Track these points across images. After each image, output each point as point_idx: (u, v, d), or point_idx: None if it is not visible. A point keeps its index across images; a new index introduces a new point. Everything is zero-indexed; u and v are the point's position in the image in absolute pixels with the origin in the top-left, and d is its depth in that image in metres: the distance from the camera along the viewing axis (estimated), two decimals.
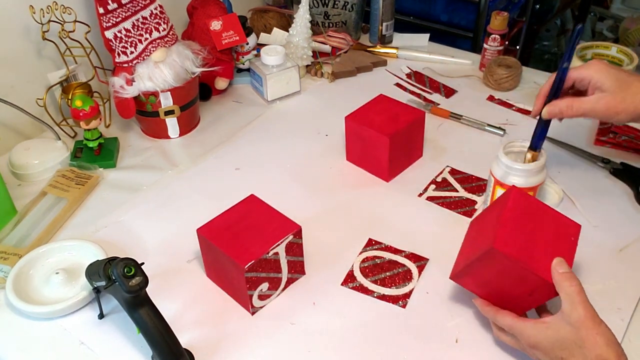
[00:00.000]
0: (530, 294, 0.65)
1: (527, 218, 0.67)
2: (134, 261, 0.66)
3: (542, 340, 0.61)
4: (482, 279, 0.69)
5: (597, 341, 0.58)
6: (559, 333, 0.60)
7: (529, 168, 0.79)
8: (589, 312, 0.59)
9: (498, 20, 1.20)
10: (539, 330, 0.62)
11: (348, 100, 1.10)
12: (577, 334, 0.59)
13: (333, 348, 0.72)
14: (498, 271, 0.66)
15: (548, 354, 0.61)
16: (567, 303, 0.60)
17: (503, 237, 0.64)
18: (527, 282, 0.64)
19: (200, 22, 1.16)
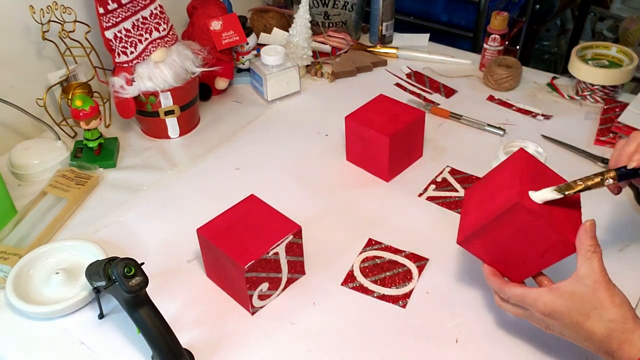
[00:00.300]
0: (542, 255, 0.65)
1: (537, 178, 0.67)
2: (134, 261, 0.66)
3: (559, 306, 0.60)
4: (495, 240, 0.67)
5: (614, 301, 0.58)
6: (574, 296, 0.60)
7: None
8: (606, 276, 0.60)
9: (498, 20, 1.20)
10: (553, 296, 0.61)
11: (348, 100, 1.10)
12: (594, 295, 0.59)
13: (333, 348, 0.72)
14: (515, 230, 0.64)
15: (563, 319, 0.61)
16: (585, 265, 0.60)
17: (525, 194, 0.63)
18: (544, 241, 0.64)
19: (200, 22, 1.16)
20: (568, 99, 1.15)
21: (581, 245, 0.61)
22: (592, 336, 0.59)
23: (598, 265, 0.60)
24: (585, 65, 1.09)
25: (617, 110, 1.06)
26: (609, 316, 0.58)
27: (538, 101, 1.15)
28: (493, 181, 0.72)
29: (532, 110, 1.12)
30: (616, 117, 1.03)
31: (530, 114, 1.11)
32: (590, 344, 0.60)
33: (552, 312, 0.61)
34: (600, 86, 1.10)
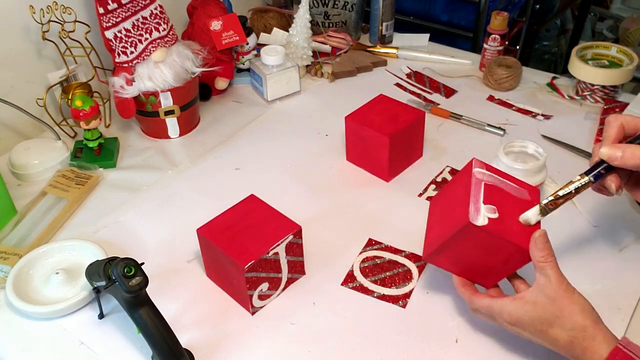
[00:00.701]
0: (505, 263, 0.66)
1: (494, 187, 0.68)
2: (134, 261, 0.66)
3: (522, 316, 0.62)
4: (457, 254, 0.69)
5: (573, 310, 0.60)
6: (536, 306, 0.61)
7: (528, 168, 0.79)
8: (563, 284, 0.61)
9: (498, 20, 1.20)
10: (517, 306, 0.63)
11: (348, 100, 1.10)
12: (554, 304, 0.60)
13: (333, 348, 0.72)
14: (473, 245, 0.66)
15: (527, 328, 0.63)
16: (542, 276, 0.61)
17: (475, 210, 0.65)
18: (503, 252, 0.65)
19: (200, 22, 1.16)
20: (568, 99, 1.15)
21: (533, 258, 0.62)
22: (557, 343, 0.61)
23: (553, 274, 0.61)
24: (585, 65, 1.09)
25: (617, 110, 1.06)
26: (569, 325, 0.60)
27: (538, 101, 1.15)
28: (453, 193, 0.73)
29: (532, 110, 1.12)
30: None
31: (530, 114, 1.11)
32: (557, 349, 0.62)
33: (517, 322, 0.63)
34: (600, 86, 1.10)
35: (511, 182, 0.70)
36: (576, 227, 0.87)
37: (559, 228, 0.87)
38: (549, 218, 0.89)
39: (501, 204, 0.66)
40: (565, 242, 0.84)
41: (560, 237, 0.85)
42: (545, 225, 0.87)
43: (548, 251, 0.62)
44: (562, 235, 0.86)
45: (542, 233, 0.63)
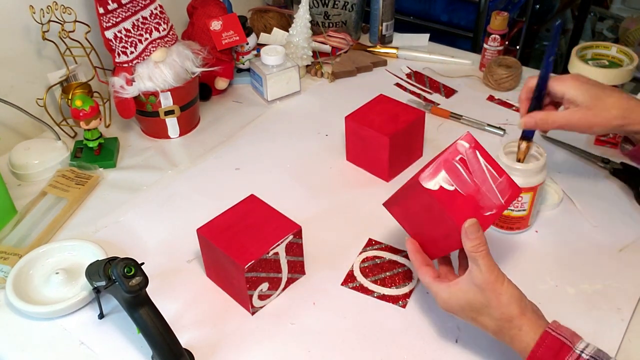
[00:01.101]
0: (445, 238, 0.67)
1: (466, 164, 0.67)
2: (134, 261, 0.66)
3: (454, 303, 0.65)
4: (408, 211, 0.71)
5: (501, 300, 0.61)
6: (467, 295, 0.63)
7: (529, 168, 0.79)
8: (493, 274, 0.62)
9: (498, 20, 1.20)
10: (450, 293, 0.65)
11: (348, 100, 1.10)
12: (483, 294, 0.62)
13: (333, 348, 0.72)
14: (421, 207, 0.68)
15: (459, 314, 0.65)
16: (473, 265, 0.62)
17: (431, 174, 0.65)
18: (443, 225, 0.66)
19: (200, 22, 1.16)
20: None
21: (465, 247, 0.63)
22: (487, 330, 0.64)
23: (484, 264, 0.62)
24: (585, 65, 1.09)
25: None
26: (496, 315, 0.62)
27: None
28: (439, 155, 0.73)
29: None
30: None
31: None
32: (490, 333, 0.64)
33: (449, 308, 0.66)
34: None
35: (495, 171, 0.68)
36: (576, 227, 0.87)
37: (559, 228, 0.87)
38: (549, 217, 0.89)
39: (465, 182, 0.66)
40: (565, 242, 0.84)
41: (560, 237, 0.85)
42: (545, 224, 0.87)
43: (479, 241, 0.62)
44: (562, 235, 0.86)
45: (471, 223, 0.63)
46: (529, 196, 0.81)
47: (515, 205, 0.82)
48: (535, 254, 0.83)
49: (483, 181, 0.67)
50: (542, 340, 0.59)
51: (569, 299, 0.76)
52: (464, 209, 0.65)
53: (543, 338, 0.59)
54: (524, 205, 0.82)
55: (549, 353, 0.58)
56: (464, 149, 0.68)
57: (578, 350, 0.58)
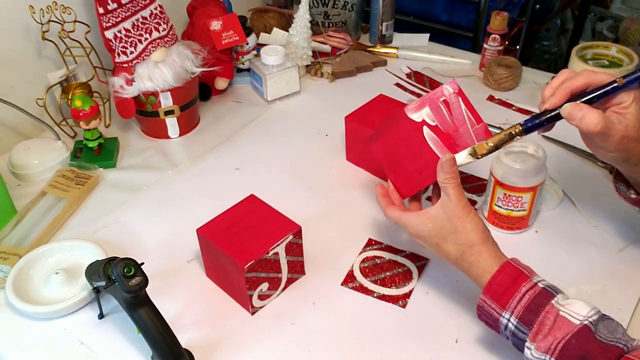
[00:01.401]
0: (420, 172, 0.71)
1: (448, 106, 0.71)
2: (134, 261, 0.66)
3: (423, 230, 0.69)
4: (387, 145, 0.75)
5: (465, 227, 0.66)
6: (436, 221, 0.68)
7: (528, 168, 0.79)
8: (461, 203, 0.66)
9: (498, 20, 1.20)
10: (420, 221, 0.69)
11: (348, 100, 1.10)
12: (450, 221, 0.66)
13: (333, 348, 0.72)
14: (401, 138, 0.72)
15: (426, 241, 0.70)
16: (444, 195, 0.67)
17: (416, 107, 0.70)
18: (422, 157, 0.70)
19: (200, 22, 1.16)
20: None
21: (438, 179, 0.67)
22: (449, 256, 0.68)
23: (453, 194, 0.66)
24: (585, 65, 1.09)
25: None
26: (460, 240, 0.66)
27: (538, 101, 1.14)
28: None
29: (532, 110, 1.12)
30: None
31: (530, 114, 1.11)
32: (450, 262, 0.69)
33: (418, 234, 0.70)
34: None
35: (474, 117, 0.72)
36: (576, 227, 0.87)
37: (559, 228, 0.87)
38: (549, 217, 0.89)
39: (444, 120, 0.70)
40: (565, 242, 0.84)
41: (560, 237, 0.85)
42: (545, 224, 0.87)
43: (452, 174, 0.66)
44: (562, 235, 0.86)
45: (448, 158, 0.67)
46: (529, 196, 0.81)
47: (515, 205, 0.82)
48: (535, 254, 0.83)
49: (461, 123, 0.71)
50: (502, 268, 0.64)
51: None
52: (441, 145, 0.70)
53: (504, 266, 0.64)
54: (524, 205, 0.82)
55: (507, 280, 0.63)
56: (448, 93, 0.71)
57: (534, 280, 0.62)
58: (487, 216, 0.87)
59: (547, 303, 0.60)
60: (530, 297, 0.61)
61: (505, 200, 0.82)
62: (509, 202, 0.82)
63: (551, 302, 0.60)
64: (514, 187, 0.81)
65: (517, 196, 0.81)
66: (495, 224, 0.86)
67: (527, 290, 0.61)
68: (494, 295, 0.63)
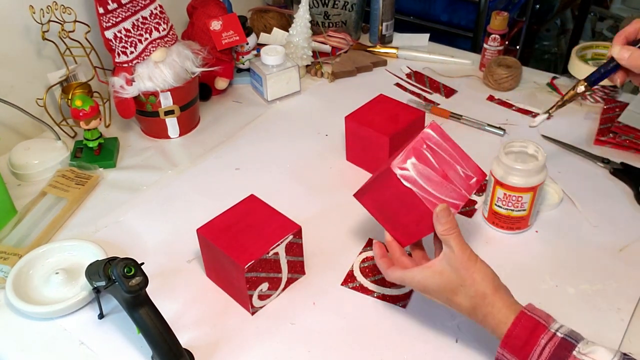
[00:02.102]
0: (417, 224, 0.69)
1: (434, 151, 0.70)
2: (134, 261, 0.66)
3: (430, 285, 0.66)
4: (379, 200, 0.72)
5: (475, 279, 0.63)
6: (442, 276, 0.65)
7: (528, 168, 0.80)
8: (465, 253, 0.64)
9: (498, 20, 1.20)
10: (425, 276, 0.66)
11: (348, 100, 1.10)
12: (458, 274, 0.64)
13: (333, 348, 0.72)
14: (392, 194, 0.69)
15: (435, 295, 0.66)
16: (446, 247, 0.64)
17: (402, 160, 0.68)
18: (416, 210, 0.67)
19: (200, 22, 1.16)
20: None
21: (437, 231, 0.65)
22: (461, 309, 0.65)
23: (456, 245, 0.64)
24: (585, 65, 1.09)
25: (617, 110, 1.06)
26: (470, 292, 0.63)
27: (538, 101, 1.15)
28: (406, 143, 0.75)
29: (532, 110, 1.12)
30: (616, 117, 1.03)
31: (530, 114, 1.11)
32: (463, 314, 0.66)
33: (425, 290, 0.67)
34: (600, 86, 1.10)
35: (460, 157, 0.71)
36: (576, 227, 0.87)
37: (559, 228, 0.87)
38: (549, 217, 0.89)
39: (434, 167, 0.69)
40: (565, 242, 0.84)
41: (560, 237, 0.85)
42: (545, 224, 0.87)
43: (450, 224, 0.64)
44: (562, 235, 0.86)
45: (442, 208, 0.65)
46: (529, 196, 0.81)
47: (515, 205, 0.82)
48: (535, 254, 0.83)
49: (450, 167, 0.70)
50: (518, 320, 0.61)
51: (569, 299, 0.76)
52: (435, 195, 0.68)
53: (519, 318, 0.61)
54: (523, 205, 0.82)
55: (525, 332, 0.60)
56: (430, 137, 0.70)
57: (553, 329, 0.60)
58: (487, 216, 0.87)
59: (569, 355, 0.58)
60: (550, 349, 0.58)
61: (505, 200, 0.82)
62: (509, 202, 0.82)
63: (573, 353, 0.58)
64: (514, 187, 0.81)
65: (517, 196, 0.81)
66: (495, 224, 0.86)
67: (547, 342, 0.59)
68: (512, 349, 0.60)
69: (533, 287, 0.78)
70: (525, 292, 0.77)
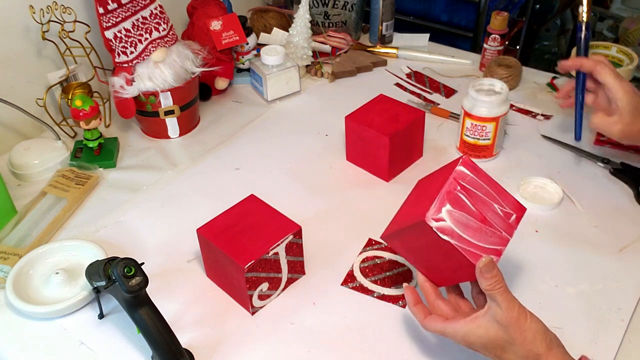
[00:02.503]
0: (454, 271, 0.64)
1: (469, 192, 0.64)
2: (134, 261, 0.66)
3: (475, 341, 0.62)
4: (411, 246, 0.68)
5: (526, 337, 0.59)
6: (489, 332, 0.60)
7: (492, 100, 0.92)
8: (514, 310, 0.59)
9: (498, 20, 1.20)
10: (469, 330, 0.62)
11: (348, 100, 1.10)
12: (506, 332, 0.59)
13: (333, 348, 0.72)
14: (426, 242, 0.64)
15: (481, 351, 0.62)
16: (492, 302, 0.60)
17: (436, 210, 0.62)
18: (453, 260, 0.63)
19: (200, 22, 1.16)
20: None
21: (481, 286, 0.60)
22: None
23: (503, 301, 0.59)
24: None
25: None
26: (522, 352, 0.59)
27: (538, 101, 1.15)
28: (432, 180, 0.70)
29: (532, 110, 1.12)
30: None
31: (530, 114, 1.11)
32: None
33: (470, 345, 0.62)
34: None
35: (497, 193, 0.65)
36: (576, 227, 0.87)
37: (559, 228, 0.87)
38: (549, 217, 0.89)
39: (470, 211, 0.63)
40: (566, 242, 0.84)
41: (560, 237, 0.85)
42: (545, 224, 0.87)
43: (496, 278, 0.59)
44: (562, 235, 0.86)
45: (486, 261, 0.60)
46: (492, 126, 0.94)
47: (480, 134, 0.95)
48: (535, 254, 0.83)
49: (488, 208, 0.64)
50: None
51: (569, 299, 0.76)
52: (475, 243, 0.62)
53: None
54: (487, 135, 0.95)
55: None
56: (464, 176, 0.65)
57: None
58: (458, 146, 1.01)
59: None
60: None
61: (473, 129, 0.96)
62: (475, 132, 0.96)
63: None
64: (479, 117, 0.94)
65: (482, 125, 0.94)
66: (466, 152, 0.99)
67: None
68: None
69: (533, 287, 0.78)
70: (525, 292, 0.77)
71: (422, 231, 0.63)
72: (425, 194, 0.68)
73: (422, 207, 0.64)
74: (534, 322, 0.60)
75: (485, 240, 0.63)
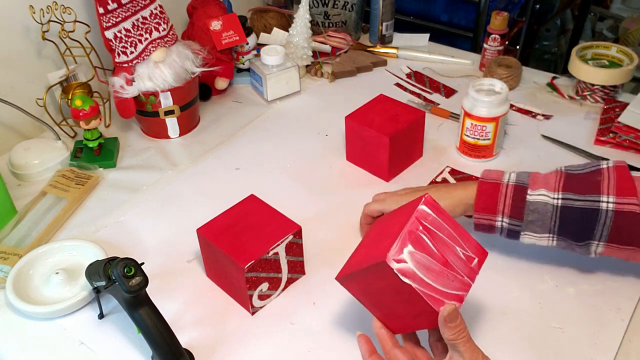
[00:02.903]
0: (414, 318, 0.60)
1: (431, 233, 0.60)
2: (134, 261, 0.66)
3: None
4: (369, 288, 0.63)
5: None
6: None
7: (492, 100, 0.92)
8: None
9: (498, 20, 1.20)
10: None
11: (348, 100, 1.10)
12: None
13: (333, 348, 0.72)
14: (386, 285, 0.59)
15: None
16: (455, 352, 0.58)
17: (397, 251, 0.57)
18: (415, 305, 0.58)
19: (200, 22, 1.16)
20: (568, 99, 1.15)
21: (443, 336, 0.57)
22: None
23: (466, 351, 0.57)
24: (585, 65, 1.09)
25: (617, 110, 1.06)
26: None
27: (538, 101, 1.15)
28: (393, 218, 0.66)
29: (532, 110, 1.12)
30: (616, 117, 1.03)
31: (530, 114, 1.11)
32: None
33: None
34: (600, 86, 1.10)
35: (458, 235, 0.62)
36: None
37: None
38: None
39: (432, 253, 0.59)
40: None
41: None
42: None
43: (459, 327, 0.56)
44: None
45: (449, 311, 0.56)
46: (492, 126, 0.94)
47: (480, 135, 0.96)
48: (535, 254, 0.83)
49: (450, 251, 0.60)
50: None
51: (569, 299, 0.76)
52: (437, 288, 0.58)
53: None
54: (487, 135, 0.95)
55: None
56: (426, 215, 0.61)
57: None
58: (458, 146, 1.01)
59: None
60: None
61: (473, 129, 0.96)
62: (475, 132, 0.96)
63: None
64: (479, 117, 0.94)
65: (482, 126, 0.94)
66: (465, 152, 1.00)
67: None
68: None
69: (533, 287, 0.78)
70: (525, 292, 0.77)
71: (382, 273, 0.58)
72: (384, 234, 0.63)
73: (382, 248, 0.59)
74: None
75: (447, 284, 0.58)
